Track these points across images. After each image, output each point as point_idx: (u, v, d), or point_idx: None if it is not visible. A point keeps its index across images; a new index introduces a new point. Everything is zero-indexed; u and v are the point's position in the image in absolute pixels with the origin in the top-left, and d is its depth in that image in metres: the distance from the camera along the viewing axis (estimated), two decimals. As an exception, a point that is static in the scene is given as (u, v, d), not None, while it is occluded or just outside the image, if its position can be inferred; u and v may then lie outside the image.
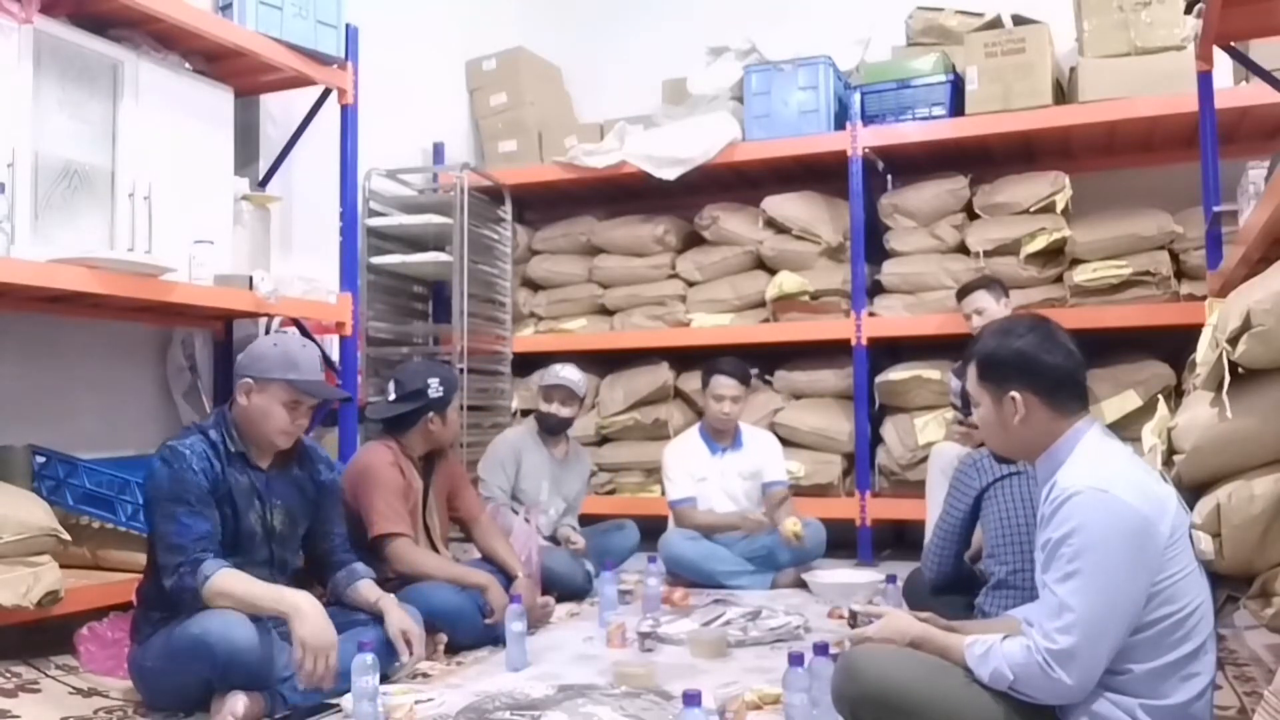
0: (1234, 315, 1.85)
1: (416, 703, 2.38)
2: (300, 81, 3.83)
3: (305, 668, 2.30)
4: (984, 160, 4.79)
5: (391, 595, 2.70)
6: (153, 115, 3.25)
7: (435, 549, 3.31)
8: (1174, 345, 3.86)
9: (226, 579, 2.36)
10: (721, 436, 4.20)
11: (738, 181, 5.18)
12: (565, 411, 4.05)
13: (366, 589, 2.71)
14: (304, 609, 2.34)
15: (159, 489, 2.42)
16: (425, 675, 2.75)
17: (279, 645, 2.40)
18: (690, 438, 4.26)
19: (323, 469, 2.78)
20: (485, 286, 5.00)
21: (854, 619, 2.06)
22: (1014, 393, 1.86)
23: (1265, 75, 3.60)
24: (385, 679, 2.47)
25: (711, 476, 4.15)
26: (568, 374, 4.05)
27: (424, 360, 4.17)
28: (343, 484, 3.01)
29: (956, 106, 4.59)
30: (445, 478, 3.42)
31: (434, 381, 3.28)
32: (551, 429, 4.08)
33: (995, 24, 4.67)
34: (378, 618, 2.64)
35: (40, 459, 3.16)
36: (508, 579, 3.24)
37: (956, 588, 2.72)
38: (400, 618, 2.63)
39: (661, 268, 5.14)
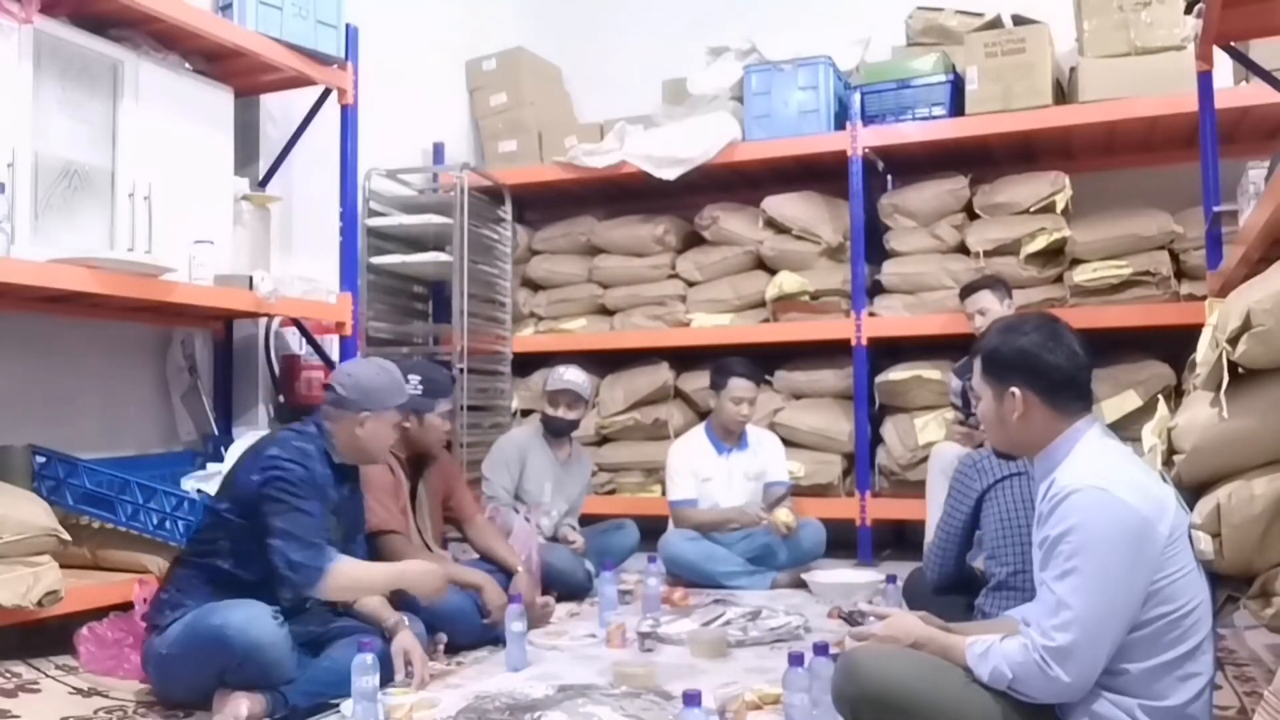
0: (1234, 315, 1.84)
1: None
2: (300, 81, 3.84)
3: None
4: (984, 160, 4.79)
5: (403, 617, 2.67)
6: (153, 115, 3.25)
7: (429, 550, 3.29)
8: (1174, 345, 3.86)
9: (349, 565, 2.52)
10: (729, 437, 4.20)
11: (738, 181, 5.17)
12: (572, 415, 4.04)
13: (376, 603, 2.70)
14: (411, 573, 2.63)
15: (292, 479, 2.48)
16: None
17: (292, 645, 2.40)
18: (696, 437, 4.26)
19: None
20: (485, 286, 4.99)
21: (850, 617, 2.06)
22: (1014, 389, 1.86)
23: (1265, 75, 3.60)
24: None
25: (717, 476, 4.15)
26: (572, 377, 4.04)
27: (421, 360, 4.13)
28: None
29: (956, 106, 4.59)
30: (440, 479, 3.39)
31: (414, 379, 3.22)
32: (558, 432, 4.07)
33: (995, 24, 4.67)
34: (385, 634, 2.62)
35: (40, 459, 3.16)
36: (507, 577, 3.24)
37: (958, 588, 2.72)
38: (406, 638, 2.61)
39: (661, 268, 5.14)
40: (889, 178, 5.08)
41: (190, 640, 2.36)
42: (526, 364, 5.22)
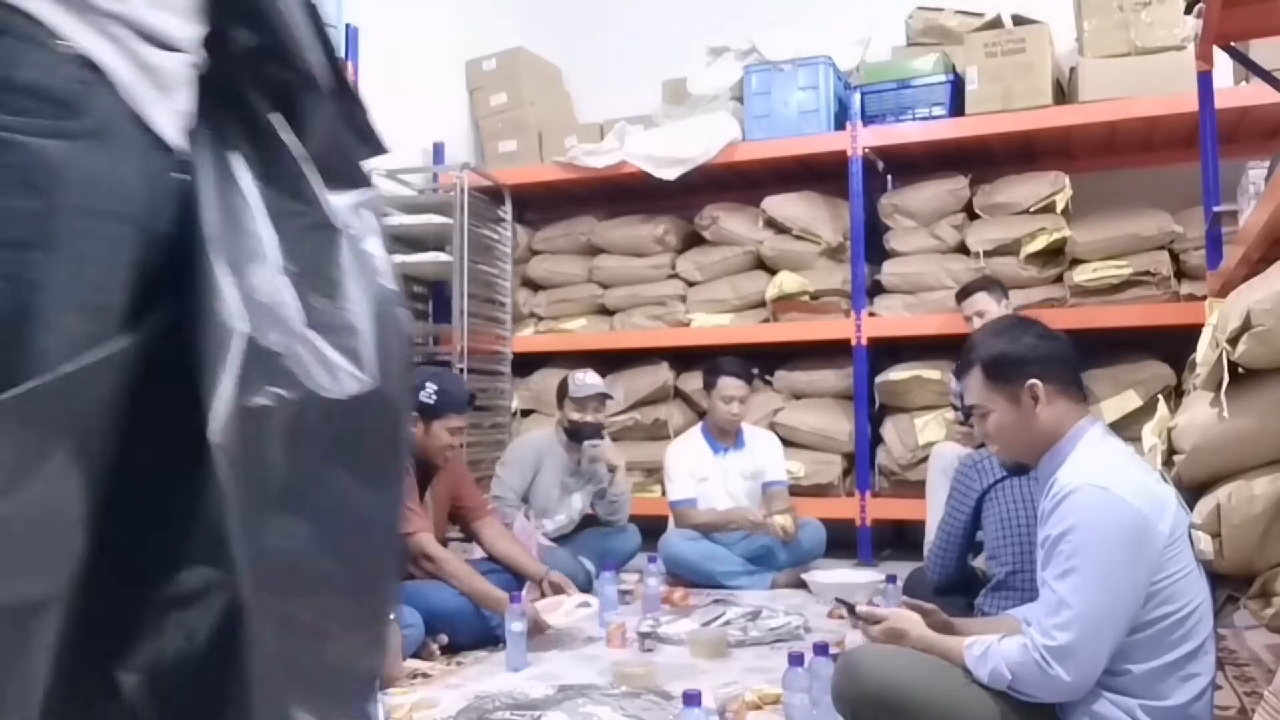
0: (1234, 315, 1.84)
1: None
2: (300, 81, 3.83)
3: None
4: (984, 160, 4.79)
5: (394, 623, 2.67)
6: (153, 115, 3.24)
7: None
8: (1174, 345, 3.86)
9: None
10: (724, 436, 4.20)
11: (738, 181, 5.17)
12: (602, 416, 4.06)
13: None
14: None
15: None
16: (425, 675, 2.75)
17: None
18: (692, 438, 4.26)
19: None
20: (485, 286, 5.00)
21: (853, 613, 2.06)
22: (1033, 380, 1.86)
23: (1265, 75, 3.60)
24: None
25: (714, 476, 4.15)
26: (594, 380, 4.04)
27: (445, 371, 4.02)
28: None
29: (956, 106, 4.59)
30: (446, 487, 3.36)
31: (431, 387, 3.19)
32: (587, 435, 4.03)
33: (995, 24, 4.67)
34: None
35: (40, 459, 3.15)
36: (514, 578, 3.23)
37: (959, 588, 2.72)
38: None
39: (661, 268, 5.14)
40: (889, 178, 5.07)
41: None
42: (526, 364, 5.22)
